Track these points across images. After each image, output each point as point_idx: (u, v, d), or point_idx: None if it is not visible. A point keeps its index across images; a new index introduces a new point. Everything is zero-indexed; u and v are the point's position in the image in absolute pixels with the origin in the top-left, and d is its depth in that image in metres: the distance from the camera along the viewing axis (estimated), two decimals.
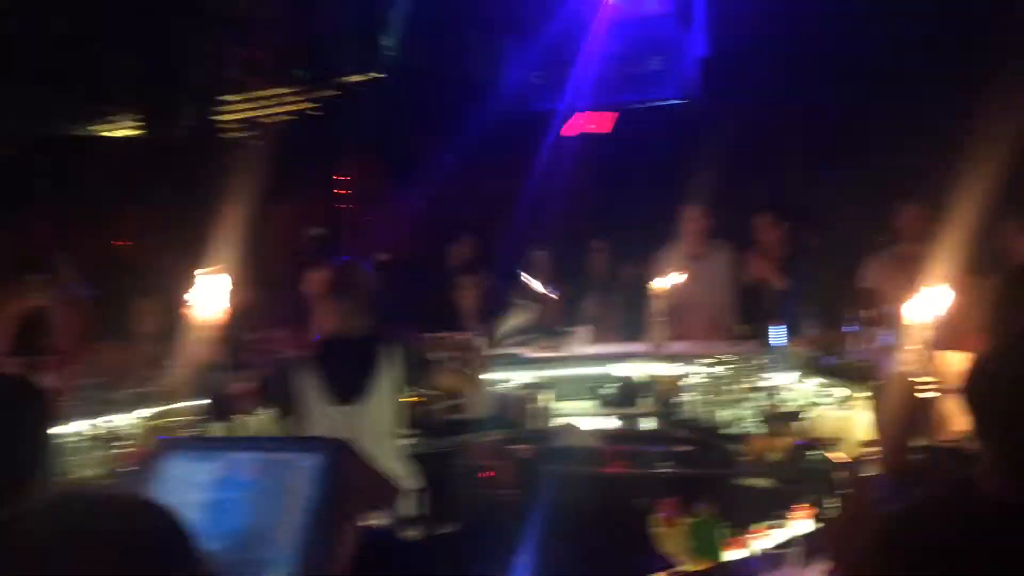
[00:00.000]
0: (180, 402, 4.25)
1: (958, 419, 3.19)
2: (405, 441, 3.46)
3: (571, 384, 4.93)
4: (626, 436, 4.44)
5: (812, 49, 8.46)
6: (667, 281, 5.06)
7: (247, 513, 1.88)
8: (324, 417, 3.22)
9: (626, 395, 4.75)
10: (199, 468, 1.95)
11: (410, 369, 3.36)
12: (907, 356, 3.62)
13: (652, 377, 4.77)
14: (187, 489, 1.94)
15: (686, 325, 5.44)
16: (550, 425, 4.47)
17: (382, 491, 2.02)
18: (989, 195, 4.70)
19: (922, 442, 2.71)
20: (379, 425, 3.28)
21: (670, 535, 2.43)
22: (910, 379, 1.79)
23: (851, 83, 8.27)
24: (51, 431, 1.52)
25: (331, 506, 1.82)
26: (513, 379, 4.72)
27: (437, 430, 4.20)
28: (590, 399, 4.84)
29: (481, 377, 4.57)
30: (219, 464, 1.95)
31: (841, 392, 3.89)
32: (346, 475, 1.86)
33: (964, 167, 4.72)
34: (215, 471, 1.94)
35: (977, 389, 1.42)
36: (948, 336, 3.71)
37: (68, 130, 10.47)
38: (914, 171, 6.44)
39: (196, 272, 3.36)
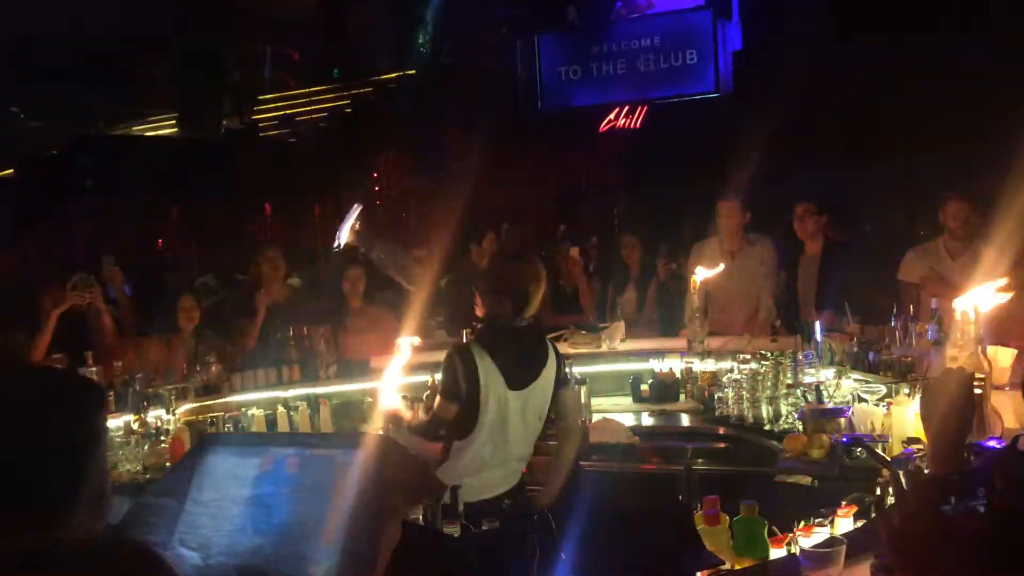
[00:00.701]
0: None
1: (1008, 416, 3.12)
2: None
3: (609, 379, 4.91)
4: (664, 432, 4.40)
5: (849, 40, 8.34)
6: (704, 276, 5.02)
7: (290, 508, 1.89)
8: (500, 400, 3.30)
9: (664, 391, 4.72)
10: (243, 463, 1.96)
11: (559, 370, 3.49)
12: (955, 352, 3.55)
13: (691, 373, 4.73)
14: (231, 484, 1.96)
15: (726, 320, 5.39)
16: (587, 420, 4.44)
17: (425, 486, 2.01)
18: None
19: (973, 439, 2.65)
20: (540, 411, 3.41)
21: (713, 532, 2.40)
22: (966, 374, 1.74)
23: (891, 74, 8.14)
24: (105, 427, 1.53)
25: (373, 501, 1.82)
26: None
27: None
28: (628, 395, 4.81)
29: None
30: (262, 459, 1.96)
31: (884, 388, 3.81)
32: (388, 471, 1.86)
33: (1013, 161, 4.61)
34: (258, 466, 1.95)
35: None
36: (998, 332, 3.63)
37: (109, 130, 10.64)
38: (959, 165, 6.33)
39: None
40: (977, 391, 2.95)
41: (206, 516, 1.90)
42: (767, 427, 4.05)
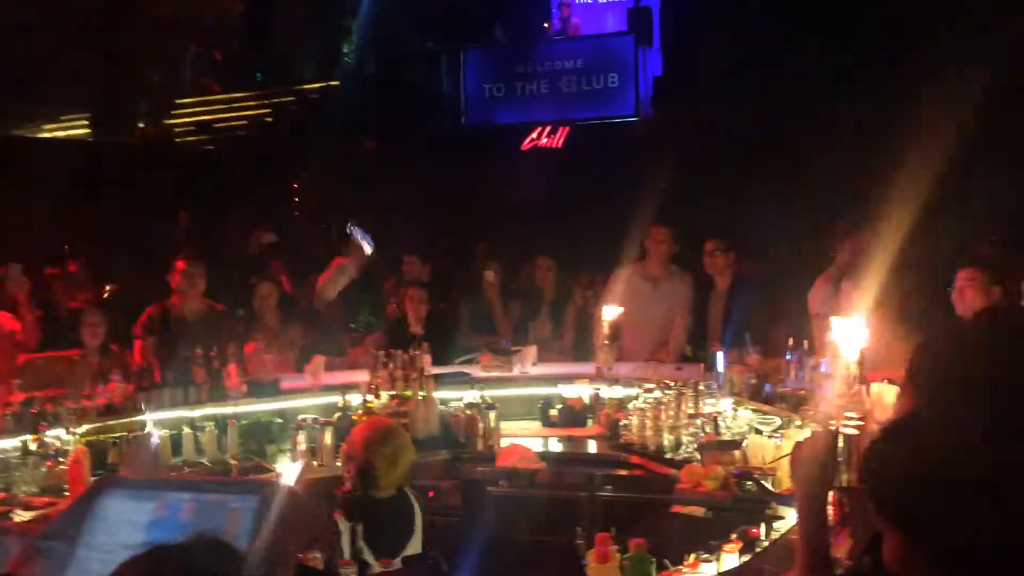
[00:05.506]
0: None
1: None
2: None
3: (518, 404, 4.97)
4: (571, 459, 4.49)
5: (764, 68, 8.67)
6: (618, 302, 5.12)
7: None
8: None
9: (573, 416, 4.80)
10: (137, 508, 1.96)
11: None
12: (838, 388, 3.72)
13: (599, 399, 4.82)
14: (124, 529, 1.95)
15: (636, 345, 5.50)
16: (496, 445, 4.50)
17: (319, 530, 2.04)
18: (927, 223, 4.83)
19: (845, 482, 2.80)
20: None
21: (604, 570, 2.49)
22: (829, 424, 1.87)
23: (796, 106, 8.48)
24: None
25: (267, 547, 1.85)
26: (460, 398, 4.75)
27: None
28: (537, 419, 4.89)
29: (429, 395, 4.61)
30: (157, 504, 1.96)
31: (779, 420, 3.98)
32: (283, 516, 1.89)
33: (901, 191, 4.83)
34: (153, 511, 1.96)
35: (871, 470, 1.42)
36: (876, 367, 3.81)
37: (16, 130, 10.27)
38: (854, 195, 6.60)
39: None
40: (855, 432, 3.12)
41: (97, 562, 1.90)
42: (668, 456, 4.15)
